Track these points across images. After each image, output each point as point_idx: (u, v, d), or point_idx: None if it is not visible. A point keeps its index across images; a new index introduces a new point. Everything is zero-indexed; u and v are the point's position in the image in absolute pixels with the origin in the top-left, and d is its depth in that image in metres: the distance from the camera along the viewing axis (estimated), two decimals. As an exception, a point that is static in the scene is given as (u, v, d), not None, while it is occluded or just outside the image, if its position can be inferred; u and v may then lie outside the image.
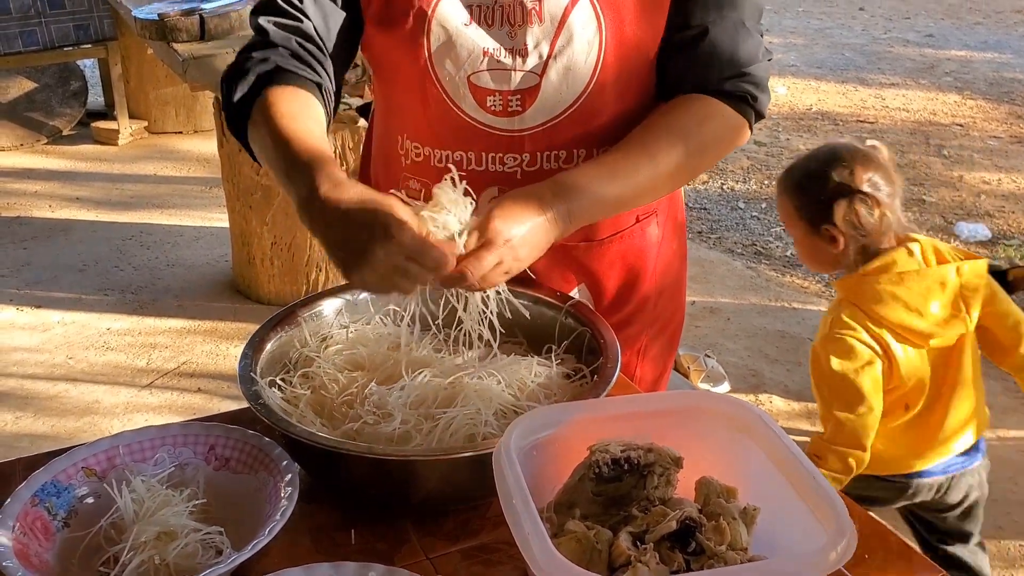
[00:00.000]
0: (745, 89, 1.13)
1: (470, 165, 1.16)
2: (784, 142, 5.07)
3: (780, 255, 3.83)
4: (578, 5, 1.07)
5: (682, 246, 1.35)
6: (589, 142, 1.15)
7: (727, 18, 1.11)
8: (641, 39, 1.10)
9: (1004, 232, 3.97)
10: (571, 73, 1.09)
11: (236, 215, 3.23)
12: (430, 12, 1.09)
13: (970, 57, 6.65)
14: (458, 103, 1.12)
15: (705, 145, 1.13)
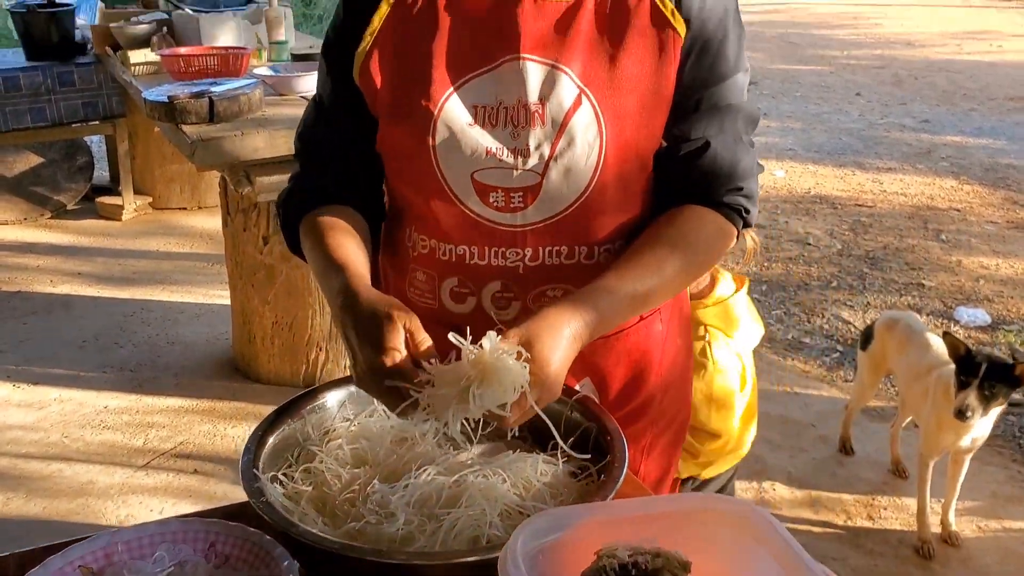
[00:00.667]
0: (741, 203, 1.18)
1: (473, 259, 1.17)
2: (783, 225, 5.10)
3: (781, 338, 3.82)
4: (580, 109, 1.09)
5: (687, 341, 1.35)
6: (590, 239, 1.17)
7: (727, 132, 1.15)
8: (640, 144, 1.13)
9: (1004, 318, 3.98)
10: (571, 174, 1.11)
11: (238, 293, 3.23)
12: (436, 112, 1.11)
13: (965, 143, 6.75)
14: (462, 199, 1.14)
15: (707, 256, 1.18)
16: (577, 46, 1.09)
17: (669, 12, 1.10)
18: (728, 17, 1.14)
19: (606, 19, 1.10)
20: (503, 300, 1.18)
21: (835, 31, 12.17)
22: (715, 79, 1.14)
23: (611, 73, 1.10)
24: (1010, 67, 9.55)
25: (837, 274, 4.45)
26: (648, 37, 1.10)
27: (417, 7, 1.13)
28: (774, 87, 8.83)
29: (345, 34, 1.17)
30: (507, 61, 1.10)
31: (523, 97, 1.10)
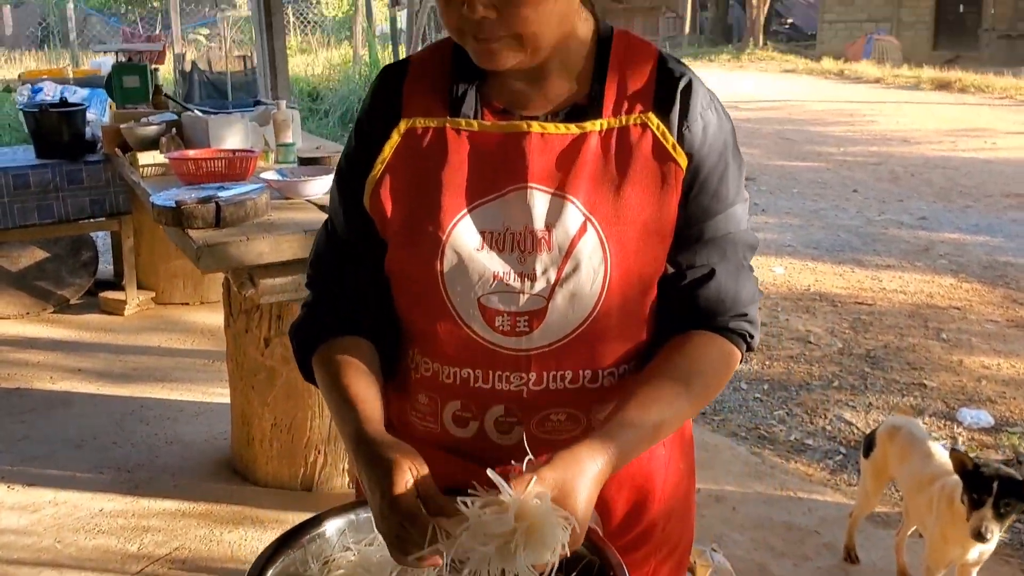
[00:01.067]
0: (745, 329, 1.20)
1: (477, 383, 1.17)
2: (784, 322, 5.12)
3: (784, 439, 3.80)
4: (585, 236, 1.12)
5: (690, 465, 1.35)
6: (594, 364, 1.18)
7: (730, 260, 1.18)
8: (644, 270, 1.15)
9: (1007, 419, 3.96)
10: (577, 298, 1.13)
11: (238, 394, 3.22)
12: (444, 237, 1.13)
13: (963, 240, 6.81)
14: (468, 322, 1.15)
15: (715, 383, 1.20)
16: (582, 176, 1.12)
17: (671, 146, 1.14)
18: (728, 150, 1.18)
19: (610, 151, 1.13)
20: (506, 424, 1.18)
21: (831, 128, 12.39)
22: (717, 210, 1.17)
23: (615, 202, 1.13)
24: (1005, 164, 9.70)
25: (839, 373, 4.45)
26: (651, 169, 1.13)
27: (427, 138, 1.17)
28: (771, 183, 8.95)
29: (357, 162, 1.21)
30: (514, 190, 1.13)
31: (530, 224, 1.13)
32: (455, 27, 1.10)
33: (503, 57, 1.09)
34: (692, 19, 28.48)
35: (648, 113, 1.14)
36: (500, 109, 1.18)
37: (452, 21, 1.09)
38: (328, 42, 19.69)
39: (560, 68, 1.17)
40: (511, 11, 1.05)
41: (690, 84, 1.16)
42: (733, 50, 23.77)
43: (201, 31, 22.02)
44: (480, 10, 1.05)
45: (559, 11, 1.09)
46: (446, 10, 1.09)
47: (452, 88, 1.18)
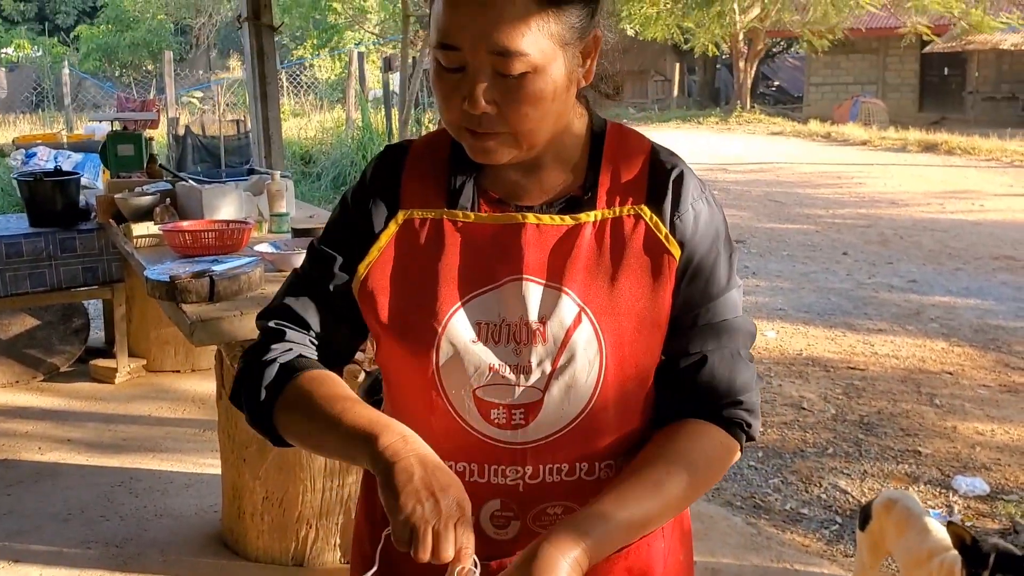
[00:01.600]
0: (741, 417, 1.19)
1: (472, 476, 1.16)
2: (777, 388, 5.11)
3: (779, 508, 3.77)
4: (580, 327, 1.12)
5: (688, 555, 1.33)
6: (591, 456, 1.17)
7: (724, 347, 1.18)
8: (639, 360, 1.15)
9: (1003, 487, 3.94)
10: (573, 390, 1.13)
11: (229, 467, 3.19)
12: (440, 330, 1.13)
13: (954, 303, 6.84)
14: (463, 415, 1.14)
15: (708, 472, 1.18)
16: (577, 268, 1.13)
17: (663, 236, 1.15)
18: (719, 238, 1.20)
19: (604, 242, 1.15)
20: (502, 519, 1.17)
21: (819, 190, 12.52)
22: (710, 297, 1.18)
23: (610, 293, 1.13)
24: (993, 226, 9.79)
25: (833, 440, 4.43)
26: (644, 259, 1.15)
27: (425, 229, 1.18)
28: (761, 246, 9.01)
29: (349, 238, 1.21)
30: (510, 281, 1.14)
31: (525, 315, 1.13)
32: (454, 121, 1.11)
33: (499, 153, 1.11)
34: (680, 82, 28.89)
35: (641, 204, 1.16)
36: (496, 199, 1.19)
37: (451, 115, 1.11)
38: (321, 105, 19.91)
39: (555, 160, 1.18)
40: (511, 107, 1.07)
41: (682, 175, 1.18)
42: (721, 113, 24.07)
43: (195, 94, 22.25)
44: (482, 105, 1.07)
45: (557, 108, 1.11)
46: (446, 104, 1.10)
47: (450, 179, 1.19)
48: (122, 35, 30.26)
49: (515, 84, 1.06)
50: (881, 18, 22.88)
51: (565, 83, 1.10)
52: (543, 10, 1.05)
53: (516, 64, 1.05)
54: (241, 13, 5.26)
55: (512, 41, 1.04)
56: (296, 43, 27.83)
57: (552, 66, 1.08)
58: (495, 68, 1.06)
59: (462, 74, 1.07)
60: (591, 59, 1.14)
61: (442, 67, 1.09)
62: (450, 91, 1.09)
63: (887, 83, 25.36)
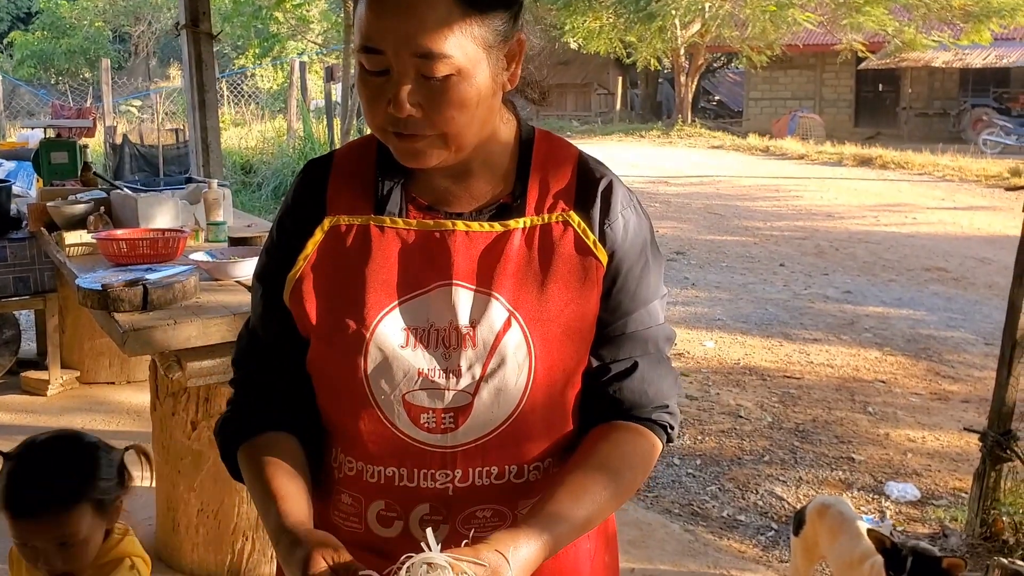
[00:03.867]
0: (666, 420, 1.23)
1: (402, 481, 1.17)
2: (715, 396, 5.18)
3: (717, 515, 3.82)
4: (510, 331, 1.13)
5: (613, 558, 1.35)
6: (520, 459, 1.18)
7: (652, 354, 1.21)
8: (567, 364, 1.17)
9: (933, 492, 4.03)
10: (502, 394, 1.14)
11: (163, 480, 3.14)
12: (368, 335, 1.13)
13: (887, 313, 6.99)
14: (392, 420, 1.15)
15: (637, 474, 1.20)
16: (506, 273, 1.14)
17: (591, 243, 1.17)
18: (647, 247, 1.22)
19: (533, 247, 1.16)
20: (432, 523, 1.17)
21: (758, 203, 12.72)
22: (637, 305, 1.20)
23: (539, 298, 1.15)
24: (925, 239, 10.03)
25: (769, 448, 4.50)
26: (573, 265, 1.16)
27: (352, 235, 1.17)
28: (701, 257, 9.13)
29: (279, 259, 1.21)
30: (439, 287, 1.14)
31: (454, 320, 1.14)
32: (379, 125, 1.11)
33: (427, 156, 1.11)
34: (623, 96, 29.18)
35: (570, 211, 1.17)
36: (425, 206, 1.19)
37: (376, 119, 1.11)
38: (263, 115, 19.74)
39: (483, 168, 1.19)
40: (436, 110, 1.08)
41: (611, 184, 1.20)
42: (663, 126, 24.36)
43: (133, 103, 21.92)
44: (407, 108, 1.07)
45: (483, 112, 1.11)
46: (371, 108, 1.10)
47: (378, 185, 1.19)
48: (58, 42, 29.70)
49: (439, 87, 1.07)
50: (818, 35, 23.37)
51: (490, 86, 1.11)
52: (466, 13, 1.06)
53: (440, 67, 1.05)
54: (179, 20, 5.20)
55: (435, 44, 1.05)
56: (237, 52, 27.57)
57: (476, 69, 1.08)
58: (419, 71, 1.06)
59: (386, 78, 1.08)
60: (516, 63, 1.15)
61: (366, 71, 1.09)
62: (375, 95, 1.09)
63: (824, 98, 25.88)
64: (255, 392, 1.24)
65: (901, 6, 20.40)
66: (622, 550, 3.31)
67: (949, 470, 4.25)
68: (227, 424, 1.25)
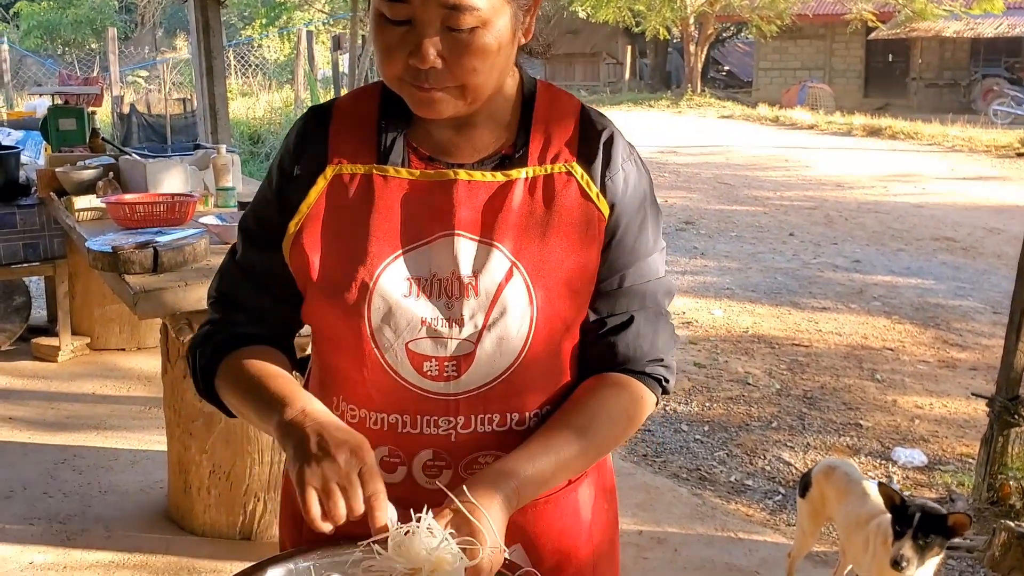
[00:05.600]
0: (660, 373, 1.24)
1: (405, 428, 1.18)
2: (723, 364, 5.18)
3: (724, 480, 3.84)
4: (511, 281, 1.14)
5: (612, 510, 1.36)
6: (522, 407, 1.19)
7: (649, 307, 1.22)
8: (568, 314, 1.18)
9: (940, 458, 4.04)
10: (504, 342, 1.15)
11: (175, 442, 3.17)
12: (372, 284, 1.14)
13: (895, 282, 6.98)
14: (396, 369, 1.15)
15: (628, 423, 1.22)
16: (508, 223, 1.14)
17: (594, 195, 1.17)
18: (646, 200, 1.22)
19: (536, 198, 1.16)
20: (434, 469, 1.18)
21: (767, 173, 12.67)
22: (636, 258, 1.20)
23: (541, 248, 1.15)
24: (934, 208, 9.99)
25: (777, 414, 4.51)
26: (575, 216, 1.16)
27: (354, 184, 1.17)
28: (711, 227, 9.11)
29: (277, 203, 1.20)
30: (441, 236, 1.15)
31: (456, 270, 1.14)
32: (396, 75, 1.10)
33: (444, 105, 1.11)
34: (632, 66, 29.01)
35: (572, 162, 1.18)
36: (427, 156, 1.19)
37: (394, 69, 1.09)
38: (270, 85, 19.66)
39: (487, 119, 1.19)
40: (459, 62, 1.07)
41: (612, 137, 1.20)
42: (672, 96, 24.23)
43: (140, 73, 21.86)
44: (430, 59, 1.06)
45: (501, 63, 1.11)
46: (388, 58, 1.09)
47: (380, 135, 1.19)
48: (64, 12, 29.58)
49: (464, 38, 1.06)
50: (828, 4, 23.18)
51: (510, 38, 1.11)
52: None
53: (467, 18, 1.05)
54: (186, -14, 5.18)
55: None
56: (244, 22, 27.43)
57: (499, 20, 1.08)
58: (444, 22, 1.05)
59: (408, 27, 1.06)
60: (531, 15, 1.15)
61: (386, 19, 1.07)
62: (394, 44, 1.08)
63: (833, 69, 25.70)
64: (238, 313, 1.25)
65: (913, -25, 20.20)
66: (630, 513, 3.35)
67: (956, 436, 4.26)
68: (206, 340, 1.24)
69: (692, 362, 5.16)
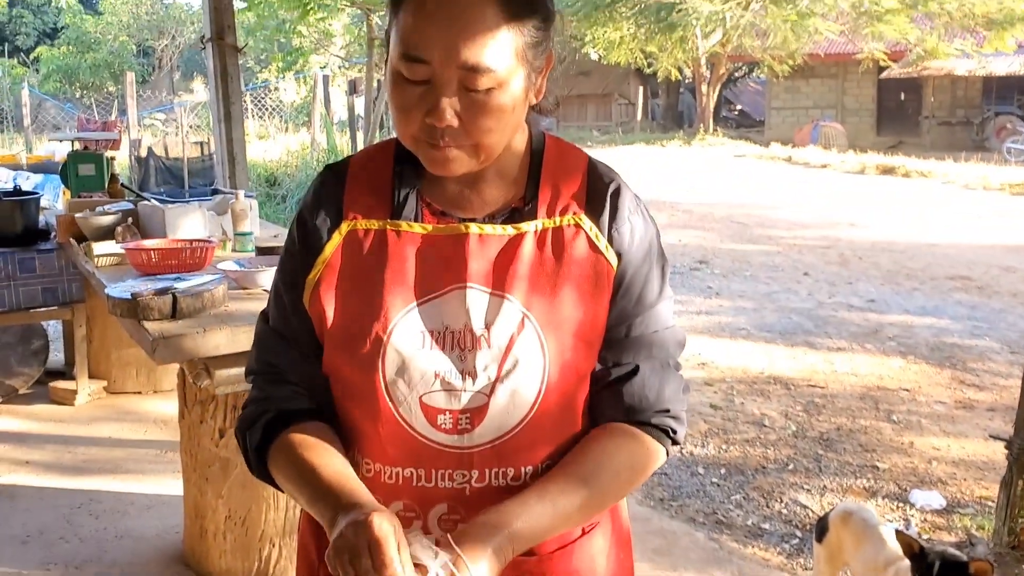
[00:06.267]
0: (668, 424, 1.24)
1: (419, 482, 1.18)
2: (739, 405, 5.17)
3: (741, 524, 3.81)
4: (523, 332, 1.15)
5: (628, 559, 1.36)
6: (536, 460, 1.20)
7: (656, 357, 1.23)
8: (579, 365, 1.19)
9: (959, 500, 4.01)
10: (517, 395, 1.16)
11: (191, 486, 3.17)
12: (386, 338, 1.16)
13: (911, 322, 6.96)
14: (410, 422, 1.17)
15: (632, 476, 1.22)
16: (520, 275, 1.17)
17: (603, 246, 1.19)
18: (652, 251, 1.24)
19: (546, 249, 1.18)
20: (450, 522, 1.19)
21: (781, 212, 12.67)
22: (643, 308, 1.22)
23: (552, 300, 1.17)
24: (949, 247, 9.97)
25: (793, 456, 4.49)
26: (584, 267, 1.19)
27: (369, 239, 1.20)
28: (724, 266, 9.11)
29: (298, 259, 1.23)
30: (454, 289, 1.17)
31: (469, 322, 1.16)
32: (412, 134, 1.13)
33: (457, 164, 1.14)
34: (644, 106, 29.19)
35: (580, 214, 1.20)
36: (439, 211, 1.22)
37: (411, 128, 1.12)
38: (286, 128, 19.87)
39: (497, 174, 1.22)
40: (475, 121, 1.10)
41: (619, 189, 1.23)
42: (684, 135, 24.33)
43: (157, 116, 22.13)
44: (447, 118, 1.09)
45: (514, 122, 1.14)
46: (405, 118, 1.12)
47: (394, 191, 1.22)
48: (83, 56, 30.05)
49: (480, 99, 1.09)
50: (839, 44, 23.30)
51: (522, 98, 1.14)
52: (509, 24, 1.08)
53: (483, 79, 1.08)
54: (205, 34, 5.26)
55: (482, 57, 1.07)
56: (261, 66, 27.79)
57: (513, 81, 1.11)
58: (462, 83, 1.08)
59: (426, 87, 1.09)
60: (543, 77, 1.18)
61: (404, 79, 1.10)
62: (412, 103, 1.10)
63: (846, 107, 25.79)
64: (281, 387, 1.25)
65: (923, 15, 20.29)
66: (647, 558, 3.33)
67: (975, 478, 4.22)
68: (252, 421, 1.24)
69: (708, 404, 5.14)
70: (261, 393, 1.26)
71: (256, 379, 1.27)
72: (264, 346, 1.28)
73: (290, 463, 1.17)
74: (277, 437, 1.21)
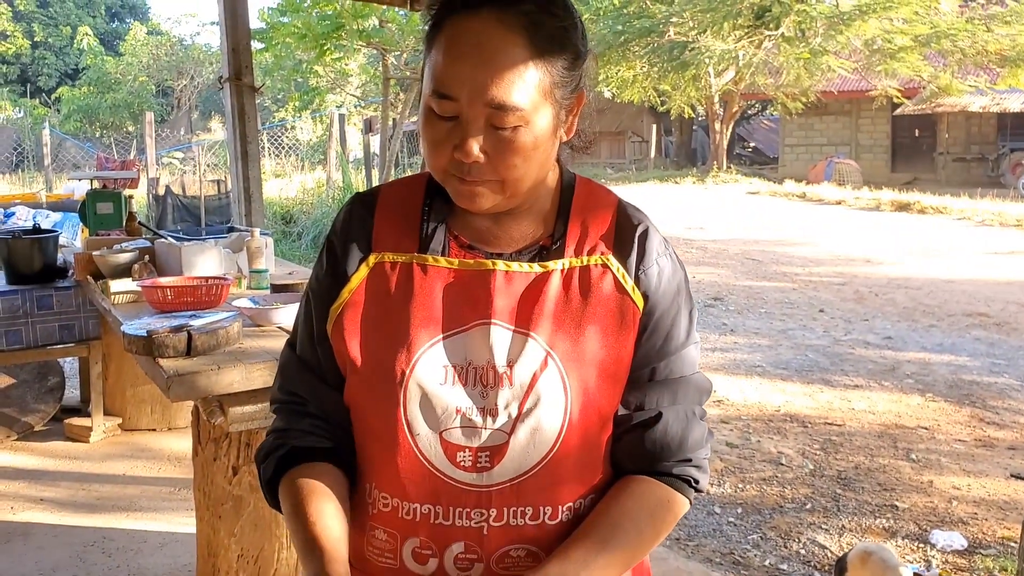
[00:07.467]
0: (690, 474, 1.23)
1: (437, 519, 1.17)
2: (755, 444, 5.12)
3: (758, 564, 3.76)
4: (546, 371, 1.15)
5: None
6: (555, 500, 1.19)
7: (680, 403, 1.22)
8: (602, 406, 1.18)
9: (980, 541, 3.94)
10: (538, 434, 1.15)
11: (204, 524, 3.16)
12: (408, 372, 1.15)
13: (928, 359, 6.90)
14: (429, 458, 1.16)
15: (655, 530, 1.21)
16: (544, 314, 1.16)
17: (629, 287, 1.19)
18: (680, 294, 1.24)
19: (572, 288, 1.18)
20: (466, 562, 1.18)
21: (796, 248, 12.65)
22: (668, 352, 1.22)
23: (576, 339, 1.16)
24: (966, 284, 9.91)
25: (811, 495, 4.43)
26: (610, 307, 1.18)
27: (396, 272, 1.20)
28: (739, 303, 9.08)
29: (325, 286, 1.24)
30: (478, 325, 1.17)
31: (492, 359, 1.16)
32: (442, 168, 1.14)
33: (484, 199, 1.14)
34: (658, 143, 29.29)
35: (608, 255, 1.20)
36: (467, 245, 1.22)
37: (440, 161, 1.13)
38: (302, 166, 20.03)
39: (526, 211, 1.22)
40: (501, 158, 1.11)
41: (647, 231, 1.23)
42: (698, 173, 24.38)
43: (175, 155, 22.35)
44: (474, 155, 1.10)
45: (541, 159, 1.15)
46: (435, 151, 1.13)
47: (423, 225, 1.22)
48: (103, 97, 30.45)
49: (507, 136, 1.10)
50: (853, 81, 23.38)
51: (551, 136, 1.15)
52: (536, 63, 1.10)
53: (510, 118, 1.09)
54: (223, 74, 5.32)
55: (509, 96, 1.08)
56: (278, 105, 28.08)
57: (540, 120, 1.12)
58: (489, 120, 1.10)
59: (455, 123, 1.11)
60: (573, 115, 1.19)
61: (435, 114, 1.12)
62: (441, 138, 1.12)
63: (860, 144, 25.81)
64: (300, 418, 1.26)
65: (936, 52, 20.36)
66: (663, 598, 3.27)
67: (997, 518, 4.16)
68: (270, 452, 1.26)
69: (724, 442, 5.10)
70: (282, 424, 1.27)
71: (279, 408, 1.29)
72: (288, 375, 1.28)
73: (289, 506, 1.19)
74: (286, 474, 1.22)
